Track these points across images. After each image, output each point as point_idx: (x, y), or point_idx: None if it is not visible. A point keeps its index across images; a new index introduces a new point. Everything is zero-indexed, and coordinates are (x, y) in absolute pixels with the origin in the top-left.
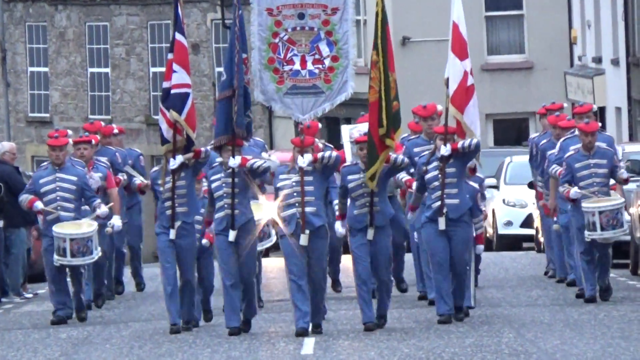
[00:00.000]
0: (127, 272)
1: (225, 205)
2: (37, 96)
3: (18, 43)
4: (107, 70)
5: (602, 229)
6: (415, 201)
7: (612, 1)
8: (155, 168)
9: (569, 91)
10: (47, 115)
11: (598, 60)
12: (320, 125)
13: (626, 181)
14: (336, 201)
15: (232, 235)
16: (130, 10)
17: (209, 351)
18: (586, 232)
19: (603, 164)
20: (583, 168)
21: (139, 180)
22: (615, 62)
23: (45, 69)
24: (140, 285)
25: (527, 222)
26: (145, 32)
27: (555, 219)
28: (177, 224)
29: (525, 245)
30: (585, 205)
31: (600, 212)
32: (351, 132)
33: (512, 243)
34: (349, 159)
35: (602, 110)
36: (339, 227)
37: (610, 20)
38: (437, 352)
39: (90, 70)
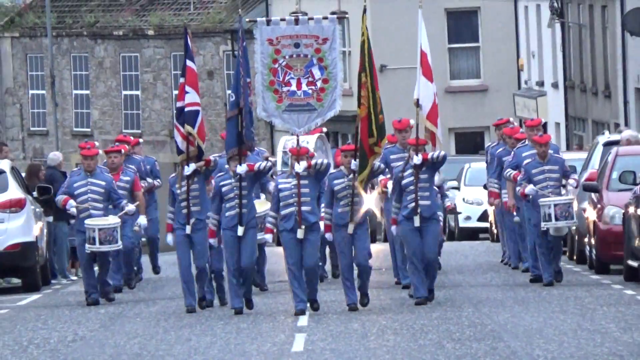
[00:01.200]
0: (145, 259)
1: (235, 205)
2: (80, 114)
3: (64, 70)
4: (138, 92)
5: (556, 219)
6: (395, 212)
7: (552, 35)
8: (173, 175)
9: (517, 109)
10: (89, 129)
11: (541, 83)
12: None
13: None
14: (324, 210)
15: (240, 230)
16: (156, 44)
17: (221, 323)
18: (542, 223)
19: (555, 169)
20: (539, 174)
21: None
22: (555, 85)
23: (87, 92)
24: (156, 269)
25: (483, 217)
26: (169, 61)
27: (515, 213)
28: (192, 220)
29: (481, 236)
30: (542, 199)
31: (555, 205)
32: (286, 143)
33: (470, 234)
34: (278, 166)
35: (544, 125)
36: (327, 235)
37: (551, 51)
38: (409, 323)
39: (124, 92)
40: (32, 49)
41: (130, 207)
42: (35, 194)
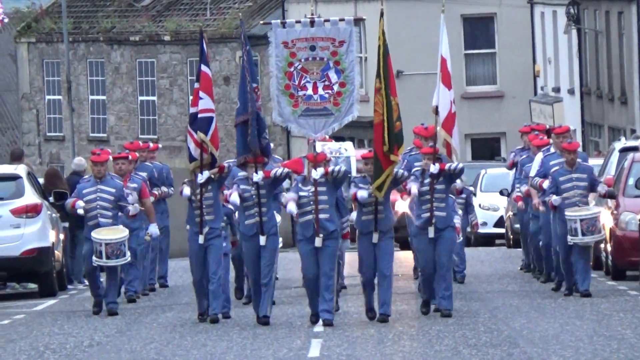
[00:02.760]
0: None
1: (255, 214)
2: (97, 119)
3: (81, 76)
4: (154, 98)
5: (583, 234)
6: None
7: (568, 41)
8: (186, 180)
9: (533, 115)
10: (105, 135)
11: (557, 90)
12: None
13: (604, 196)
14: (345, 219)
15: (262, 239)
16: (173, 49)
17: (237, 329)
18: (569, 237)
19: (584, 178)
20: (566, 182)
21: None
22: (571, 92)
23: (103, 97)
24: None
25: (500, 223)
26: (185, 67)
27: (541, 208)
28: (205, 229)
29: (497, 242)
30: (568, 213)
31: (581, 220)
32: (323, 148)
33: (486, 240)
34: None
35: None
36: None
37: (567, 57)
38: (425, 329)
39: (140, 98)
40: (48, 54)
41: (134, 207)
42: (51, 199)
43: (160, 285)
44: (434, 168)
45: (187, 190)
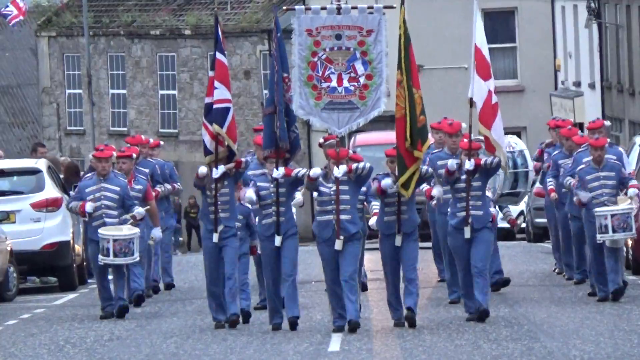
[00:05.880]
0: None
1: (272, 213)
2: (117, 113)
3: (101, 70)
4: (175, 92)
5: (614, 231)
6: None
7: (589, 36)
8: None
9: (554, 110)
10: (125, 129)
11: (578, 84)
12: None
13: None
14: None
15: (278, 240)
16: (193, 43)
17: (258, 323)
18: (598, 235)
19: (612, 176)
20: (593, 180)
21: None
22: (591, 86)
23: (124, 91)
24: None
25: (520, 217)
26: (206, 61)
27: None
28: (220, 227)
29: (518, 236)
30: (598, 209)
31: (612, 216)
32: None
33: (507, 234)
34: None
35: (580, 125)
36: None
37: (588, 51)
38: (446, 323)
39: (161, 92)
40: (69, 48)
41: (139, 210)
42: (72, 192)
43: (165, 285)
44: (469, 164)
45: (203, 169)
